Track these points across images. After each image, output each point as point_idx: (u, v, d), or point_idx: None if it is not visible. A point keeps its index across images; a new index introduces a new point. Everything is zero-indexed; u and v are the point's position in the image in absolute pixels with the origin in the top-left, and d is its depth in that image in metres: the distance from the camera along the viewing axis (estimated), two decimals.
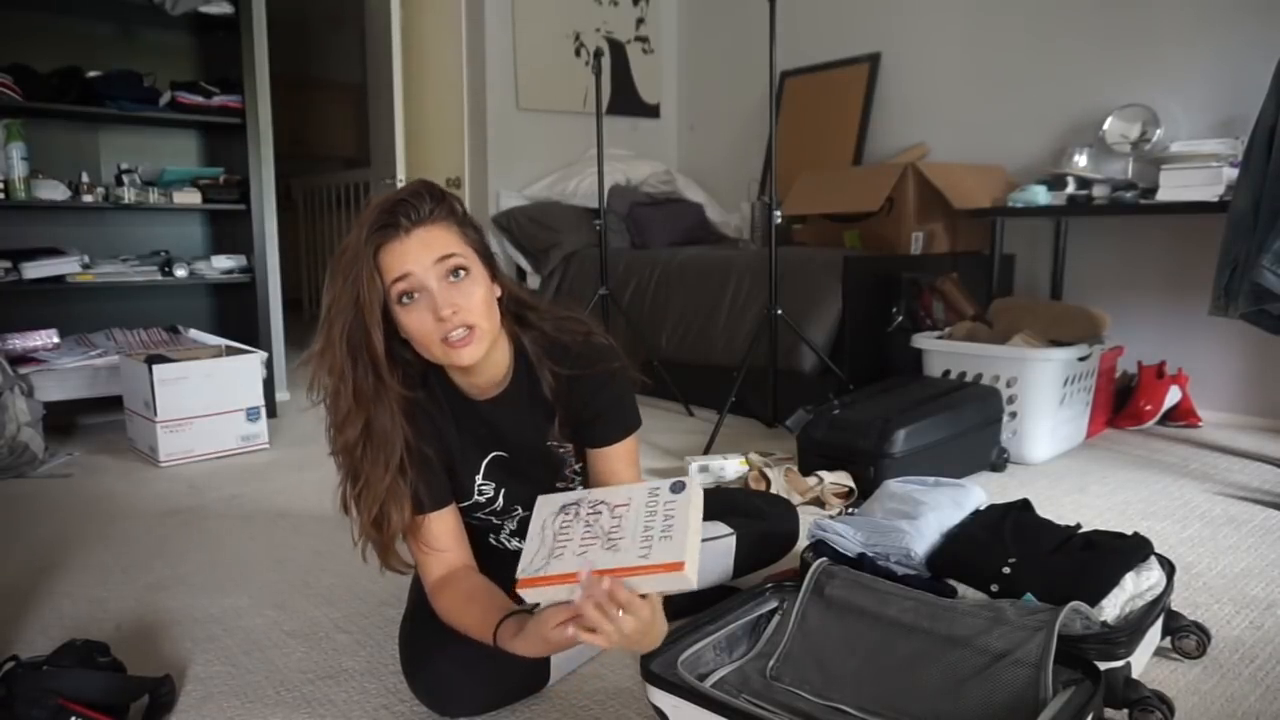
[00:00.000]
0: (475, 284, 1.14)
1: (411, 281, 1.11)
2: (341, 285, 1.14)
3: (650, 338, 3.46)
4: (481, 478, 1.30)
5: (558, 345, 1.25)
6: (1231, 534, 1.95)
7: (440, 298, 1.11)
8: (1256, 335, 2.34)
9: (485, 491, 1.32)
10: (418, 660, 1.26)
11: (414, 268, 1.11)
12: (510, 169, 4.33)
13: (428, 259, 1.11)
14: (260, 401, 2.81)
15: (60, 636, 1.44)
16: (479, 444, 1.29)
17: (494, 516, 1.36)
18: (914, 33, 3.81)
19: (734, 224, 4.41)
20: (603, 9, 4.58)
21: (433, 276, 1.11)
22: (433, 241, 1.12)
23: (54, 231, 3.12)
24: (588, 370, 1.24)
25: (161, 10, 3.00)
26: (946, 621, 1.20)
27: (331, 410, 1.19)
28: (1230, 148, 2.67)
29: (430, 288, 1.11)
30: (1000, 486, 2.30)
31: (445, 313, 1.11)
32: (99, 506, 2.26)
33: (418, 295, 1.12)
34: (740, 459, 2.40)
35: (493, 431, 1.29)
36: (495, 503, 1.33)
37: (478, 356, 1.16)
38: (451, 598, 1.22)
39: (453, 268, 1.13)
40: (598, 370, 1.24)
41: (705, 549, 1.48)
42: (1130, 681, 1.20)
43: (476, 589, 1.22)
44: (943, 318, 2.95)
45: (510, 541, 1.41)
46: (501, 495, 1.33)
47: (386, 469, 1.19)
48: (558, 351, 1.25)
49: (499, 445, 1.30)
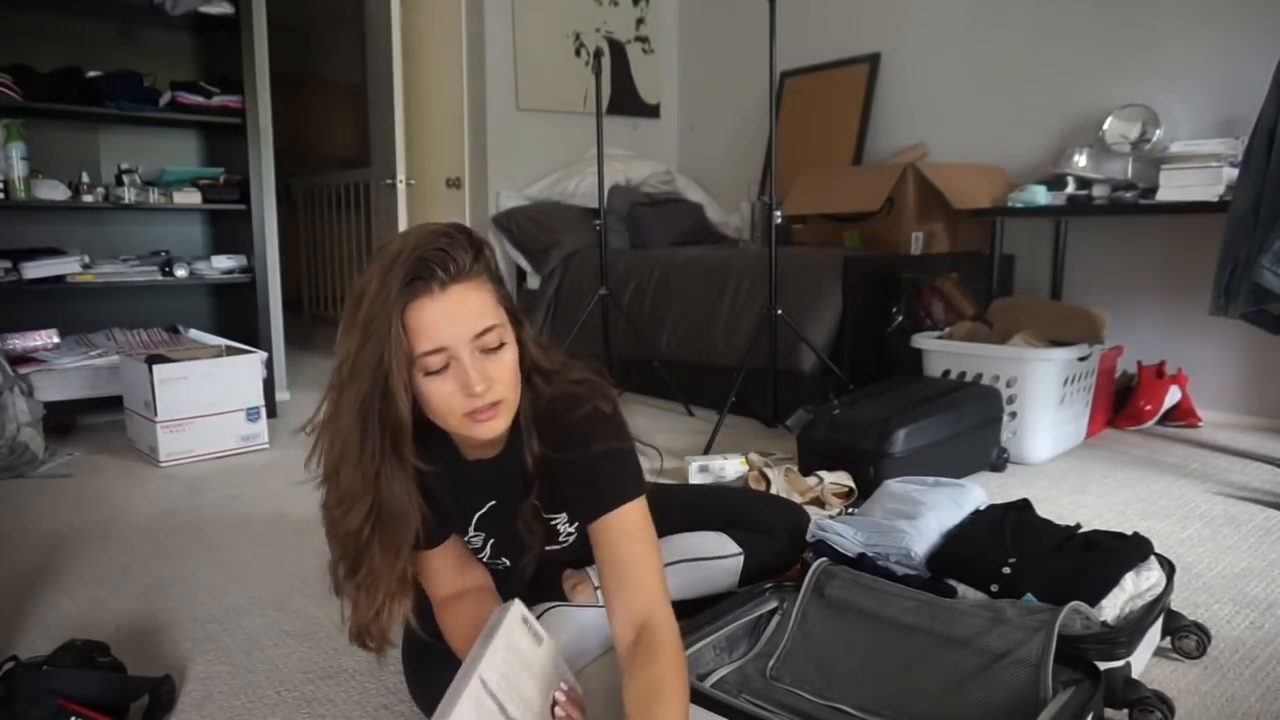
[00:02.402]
0: (507, 354, 1.05)
1: (447, 354, 1.00)
2: (360, 344, 0.99)
3: (650, 338, 3.46)
4: (473, 529, 1.26)
5: (548, 417, 1.13)
6: (1231, 534, 1.95)
7: (474, 372, 1.00)
8: (1256, 335, 2.34)
9: (474, 543, 1.29)
10: (422, 672, 1.25)
11: (450, 341, 1.00)
12: (510, 169, 4.33)
13: (466, 332, 1.00)
14: (260, 401, 2.81)
15: (60, 636, 1.44)
16: (471, 502, 1.23)
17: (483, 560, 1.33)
18: (914, 33, 3.81)
19: (734, 224, 4.41)
20: (603, 9, 4.58)
21: (467, 349, 1.01)
22: (470, 308, 1.01)
23: (54, 231, 3.12)
24: (574, 452, 1.10)
25: (161, 10, 3.01)
26: (946, 621, 1.21)
27: (330, 489, 1.08)
28: (1230, 148, 2.67)
29: (463, 360, 1.00)
30: (1000, 486, 2.30)
31: (479, 389, 1.00)
32: (99, 506, 2.26)
33: (449, 365, 1.01)
34: (740, 459, 2.40)
35: (484, 491, 1.22)
36: (482, 552, 1.30)
37: (500, 430, 1.07)
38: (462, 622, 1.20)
39: (492, 344, 1.03)
40: (586, 454, 1.10)
41: (712, 567, 1.48)
42: (1130, 681, 1.20)
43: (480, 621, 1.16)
44: (943, 318, 2.95)
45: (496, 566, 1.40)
46: (489, 547, 1.29)
47: (397, 556, 1.09)
48: (546, 424, 1.13)
49: (492, 498, 1.23)
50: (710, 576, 1.48)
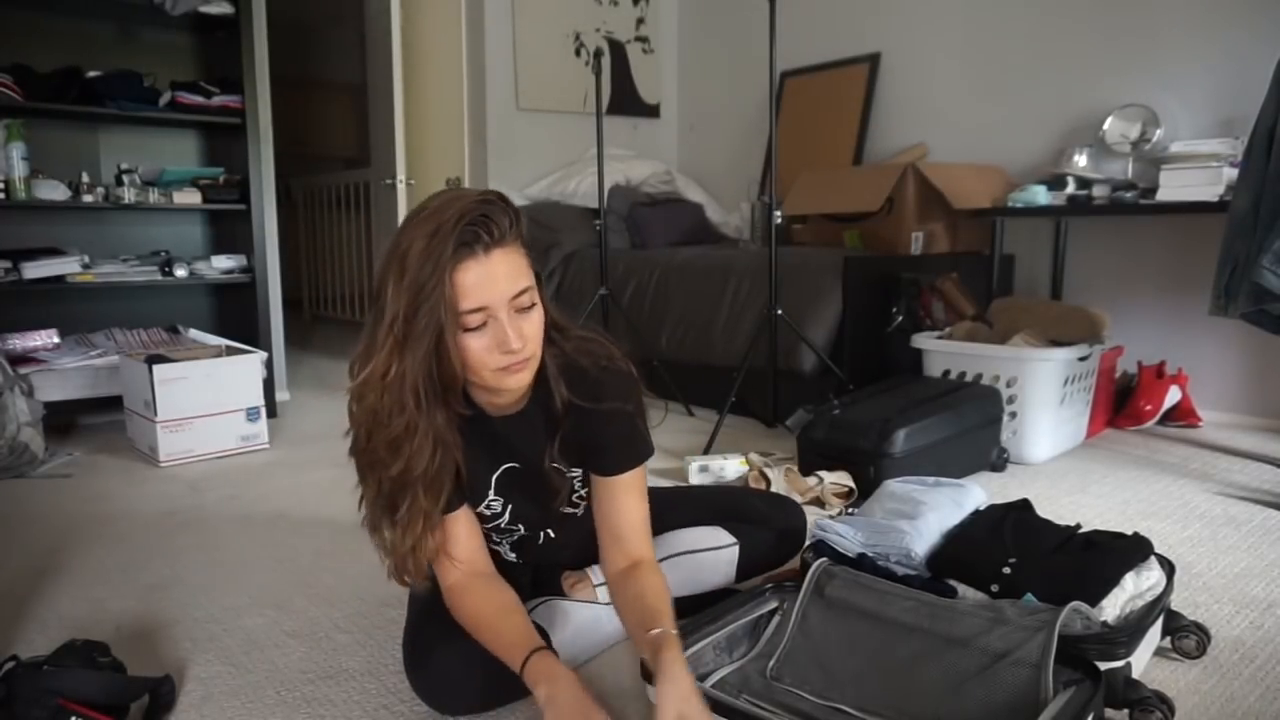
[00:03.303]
0: (537, 313, 1.13)
1: (486, 313, 1.08)
2: (412, 304, 1.05)
3: (650, 338, 3.46)
4: (493, 492, 1.29)
5: (574, 368, 1.21)
6: (1231, 534, 1.95)
7: (511, 330, 1.08)
8: (1256, 335, 2.34)
9: (494, 506, 1.31)
10: (420, 657, 1.26)
11: (492, 300, 1.07)
12: (510, 169, 4.33)
13: (507, 291, 1.08)
14: (260, 401, 2.81)
15: (60, 636, 1.44)
16: (492, 457, 1.28)
17: (494, 533, 1.35)
18: (914, 33, 3.81)
19: (734, 224, 4.40)
20: (603, 9, 4.58)
21: (505, 309, 1.08)
22: (510, 271, 1.08)
23: (54, 231, 3.12)
24: (600, 404, 1.21)
25: (161, 10, 3.01)
26: (947, 622, 1.21)
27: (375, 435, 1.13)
28: (1230, 148, 2.67)
29: (501, 318, 1.08)
30: (1000, 486, 2.30)
31: (516, 345, 1.08)
32: (99, 506, 2.26)
33: (487, 323, 1.08)
34: (740, 459, 2.40)
35: (505, 445, 1.27)
36: (500, 518, 1.32)
37: (526, 383, 1.15)
38: (476, 606, 1.22)
39: (526, 304, 1.10)
40: (611, 406, 1.21)
41: (708, 558, 1.49)
42: (1131, 681, 1.20)
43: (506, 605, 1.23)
44: (943, 318, 2.95)
45: (507, 554, 1.41)
46: (508, 512, 1.32)
47: (440, 493, 1.17)
48: (573, 375, 1.21)
49: (511, 458, 1.28)
50: (707, 567, 1.48)
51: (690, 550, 1.48)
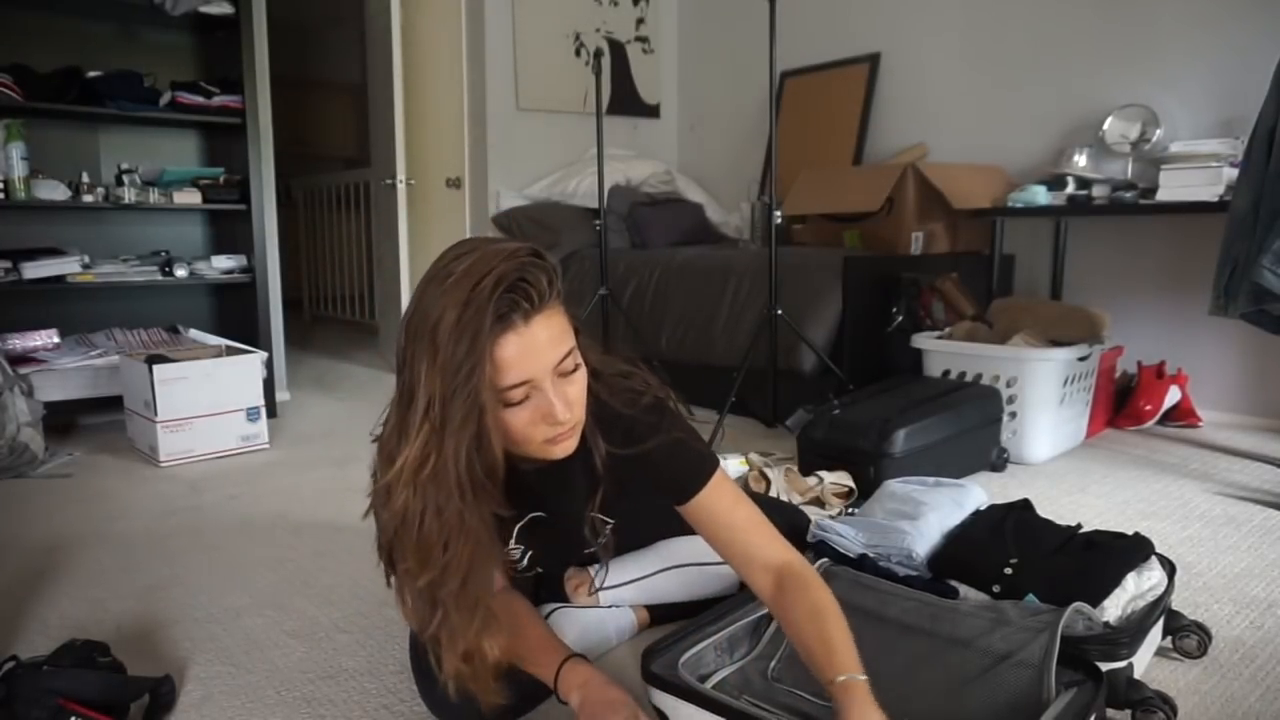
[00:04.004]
0: (580, 374, 1.04)
1: (530, 386, 0.98)
2: (448, 387, 0.93)
3: (650, 338, 3.46)
4: (515, 540, 1.27)
5: (610, 414, 1.13)
6: (1231, 534, 1.95)
7: (558, 402, 0.99)
8: (1256, 335, 2.34)
9: (513, 554, 1.30)
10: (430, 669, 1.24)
11: (536, 373, 0.98)
12: (510, 169, 4.33)
13: (551, 360, 0.98)
14: (260, 401, 2.81)
15: (60, 636, 1.44)
16: (519, 507, 1.20)
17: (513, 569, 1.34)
18: (914, 33, 3.81)
19: (734, 224, 4.40)
20: (603, 9, 4.58)
21: (548, 377, 0.99)
22: (552, 336, 0.98)
23: (54, 231, 3.12)
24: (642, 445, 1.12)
25: (161, 10, 3.00)
26: (949, 623, 1.20)
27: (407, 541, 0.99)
28: (1230, 148, 2.67)
29: (545, 389, 0.99)
30: (1000, 486, 2.29)
31: (563, 416, 1.00)
32: (99, 506, 2.26)
33: (530, 396, 0.99)
34: (740, 459, 2.40)
35: (535, 496, 1.21)
36: (520, 563, 1.31)
37: (573, 448, 1.06)
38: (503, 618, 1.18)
39: (569, 368, 1.01)
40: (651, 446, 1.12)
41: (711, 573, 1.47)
42: (1133, 682, 1.20)
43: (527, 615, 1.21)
44: (943, 318, 2.95)
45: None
46: (528, 558, 1.31)
47: (488, 580, 1.06)
48: (610, 422, 1.13)
49: (539, 508, 1.24)
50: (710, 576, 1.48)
51: (698, 563, 1.47)
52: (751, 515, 1.15)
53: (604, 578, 1.41)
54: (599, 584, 1.39)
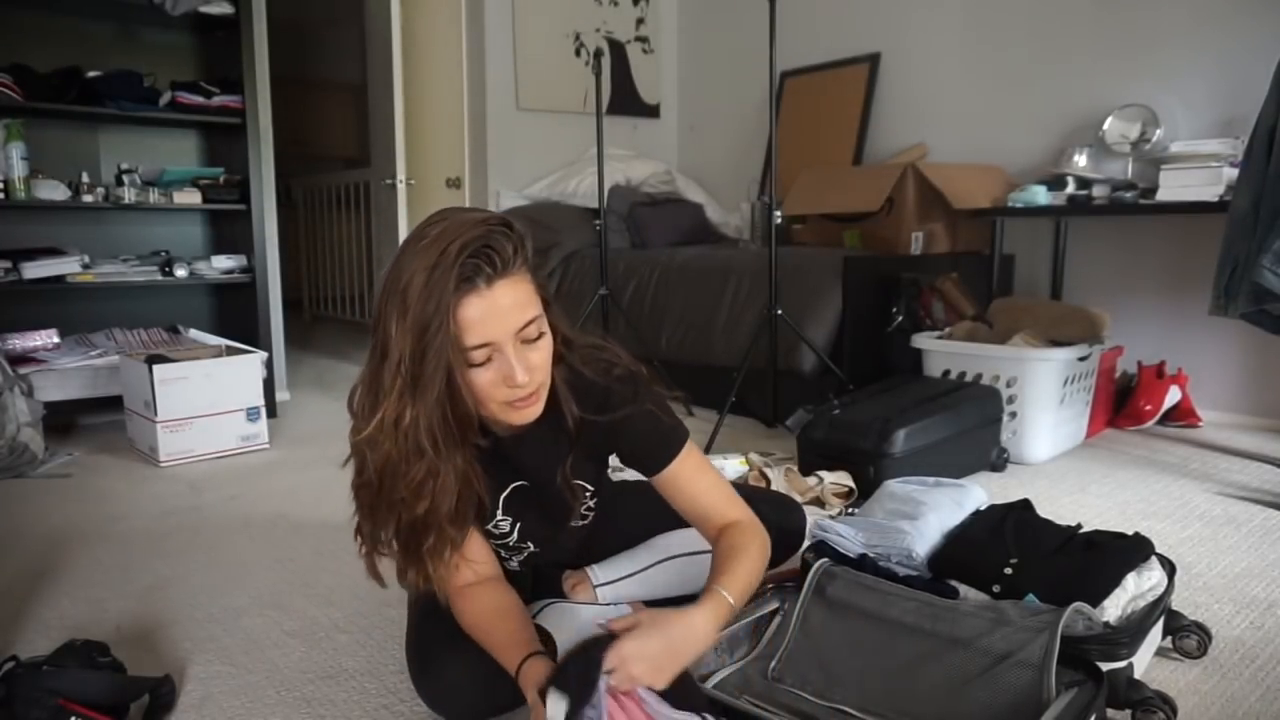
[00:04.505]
0: (545, 343, 1.09)
1: (491, 348, 1.04)
2: (419, 346, 1.00)
3: (650, 338, 3.46)
4: (501, 511, 1.28)
5: (582, 382, 1.18)
6: (1231, 534, 1.95)
7: (518, 365, 1.04)
8: (1256, 335, 2.34)
9: (502, 526, 1.30)
10: (426, 664, 1.24)
11: (498, 335, 1.03)
12: (510, 169, 4.33)
13: (513, 325, 1.04)
14: (260, 401, 2.81)
15: (60, 636, 1.44)
16: (500, 477, 1.25)
17: (503, 549, 1.34)
18: (914, 33, 3.81)
19: (734, 224, 4.40)
20: (603, 9, 4.58)
21: (510, 342, 1.04)
22: (515, 303, 1.03)
23: (54, 231, 3.11)
24: (614, 413, 1.18)
25: (161, 10, 3.00)
26: (949, 623, 1.20)
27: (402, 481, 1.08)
28: (1230, 148, 2.67)
29: (506, 352, 1.04)
30: (1000, 486, 2.29)
31: (522, 379, 1.04)
32: (99, 506, 2.26)
33: (493, 358, 1.05)
34: (740, 459, 2.40)
35: (514, 464, 1.25)
36: (509, 536, 1.31)
37: (536, 415, 1.11)
38: (479, 609, 1.20)
39: (532, 335, 1.06)
40: (625, 412, 1.18)
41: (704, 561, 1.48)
42: (1133, 682, 1.20)
43: (509, 608, 1.21)
44: (943, 318, 2.95)
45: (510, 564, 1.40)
46: (516, 530, 1.31)
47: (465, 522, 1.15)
48: (582, 390, 1.18)
49: (520, 476, 1.27)
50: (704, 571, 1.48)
51: (688, 553, 1.47)
52: (715, 481, 1.25)
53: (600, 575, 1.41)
54: (596, 581, 1.39)
